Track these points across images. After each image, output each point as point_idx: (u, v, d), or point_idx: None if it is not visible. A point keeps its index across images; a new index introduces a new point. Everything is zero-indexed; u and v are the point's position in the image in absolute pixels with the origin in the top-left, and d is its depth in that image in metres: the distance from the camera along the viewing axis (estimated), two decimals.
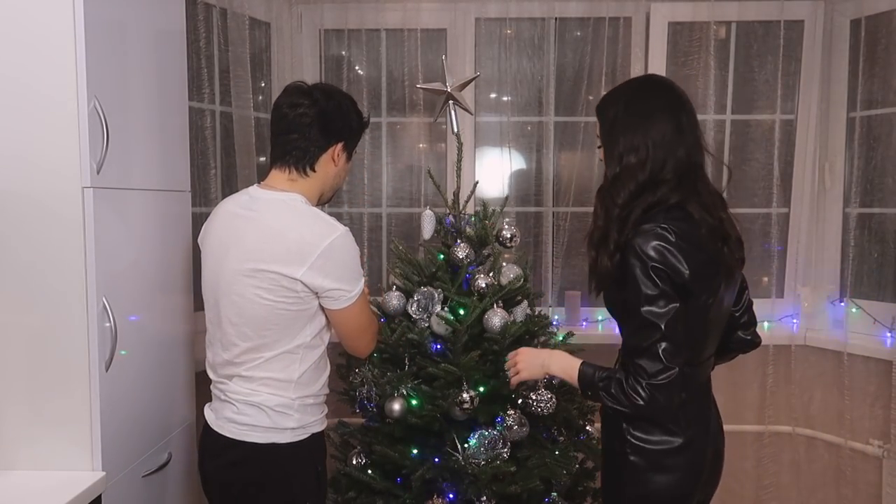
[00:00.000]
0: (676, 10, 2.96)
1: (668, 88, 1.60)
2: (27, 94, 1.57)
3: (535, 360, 1.71)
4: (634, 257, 1.46)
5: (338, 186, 1.84)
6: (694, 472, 1.59)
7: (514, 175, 3.02)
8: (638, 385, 1.45)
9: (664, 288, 1.44)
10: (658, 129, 1.52)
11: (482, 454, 1.99)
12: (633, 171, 1.52)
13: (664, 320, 1.44)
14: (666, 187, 1.51)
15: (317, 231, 1.63)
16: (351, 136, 1.77)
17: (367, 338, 1.79)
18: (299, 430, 1.71)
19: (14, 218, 1.59)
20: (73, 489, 1.53)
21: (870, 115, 2.87)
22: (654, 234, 1.46)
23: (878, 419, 2.77)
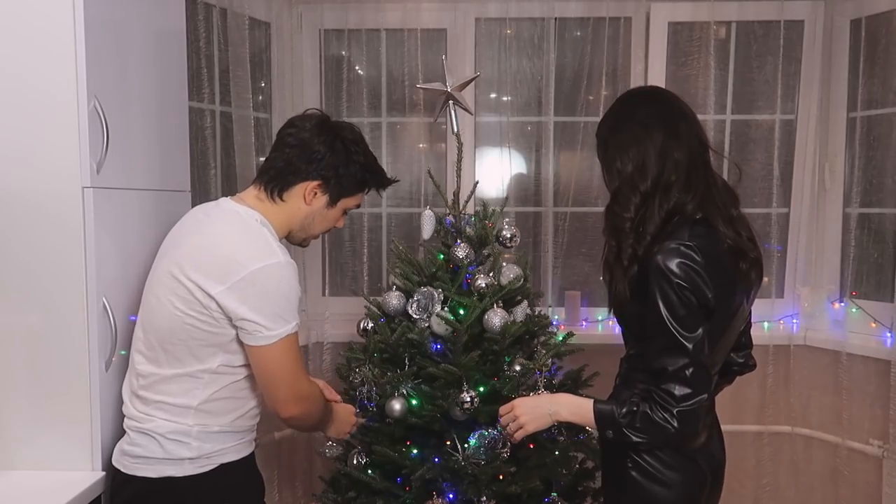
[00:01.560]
0: (676, 10, 2.96)
1: (656, 97, 1.58)
2: (27, 94, 1.57)
3: (538, 409, 1.59)
4: (659, 275, 1.39)
5: (314, 232, 1.67)
6: (695, 486, 1.55)
7: (513, 175, 3.02)
8: (667, 413, 1.39)
9: (691, 309, 1.38)
10: (651, 137, 1.48)
11: (482, 454, 1.99)
12: (633, 180, 1.48)
13: (692, 343, 1.38)
14: (677, 189, 1.47)
15: (252, 252, 1.47)
16: (337, 180, 1.59)
17: (283, 392, 1.52)
18: (201, 459, 1.52)
19: (14, 218, 1.59)
20: (73, 489, 1.53)
21: (870, 115, 2.87)
22: (678, 251, 1.40)
23: (877, 419, 2.77)
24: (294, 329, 1.51)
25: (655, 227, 1.46)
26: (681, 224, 1.45)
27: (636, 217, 1.47)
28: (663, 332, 1.39)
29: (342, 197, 1.64)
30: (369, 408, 2.12)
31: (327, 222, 1.67)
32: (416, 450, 2.10)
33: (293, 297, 1.50)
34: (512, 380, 2.06)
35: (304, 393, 1.58)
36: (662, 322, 1.39)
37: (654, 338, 1.42)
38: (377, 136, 3.07)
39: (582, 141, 3.01)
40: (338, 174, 1.59)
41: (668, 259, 1.39)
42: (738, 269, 1.49)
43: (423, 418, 2.06)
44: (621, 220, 1.49)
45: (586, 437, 2.24)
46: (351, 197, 1.66)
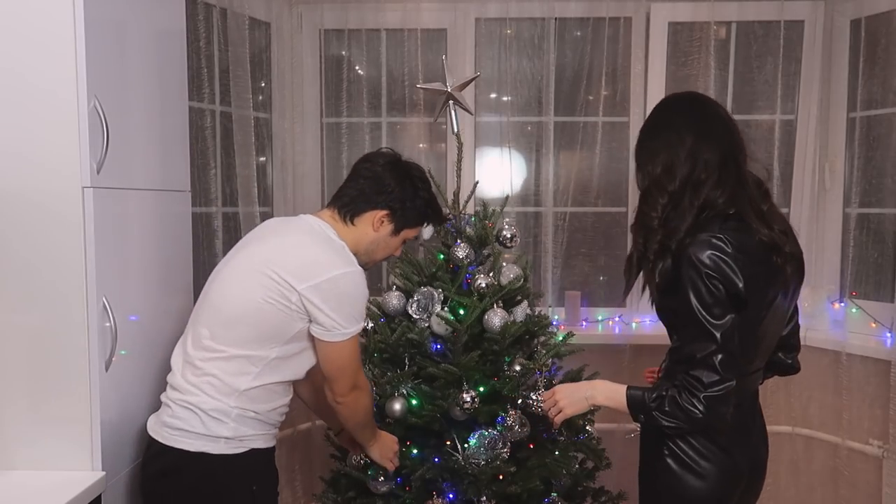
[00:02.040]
0: (676, 10, 2.96)
1: (692, 101, 1.64)
2: (27, 94, 1.57)
3: (576, 394, 1.67)
4: (689, 266, 1.45)
5: (376, 257, 1.84)
6: (729, 481, 1.57)
7: (513, 175, 3.01)
8: (694, 398, 1.44)
9: (719, 298, 1.43)
10: (682, 140, 1.53)
11: (482, 454, 1.99)
12: (661, 180, 1.54)
13: (720, 330, 1.42)
14: (708, 187, 1.51)
15: (335, 259, 1.66)
16: (402, 212, 1.78)
17: (345, 381, 1.72)
18: (234, 441, 1.64)
19: (14, 218, 1.59)
20: (73, 489, 1.53)
21: (870, 116, 2.87)
22: (708, 243, 1.45)
23: (877, 419, 2.77)
24: (360, 329, 1.71)
25: (687, 223, 1.50)
26: (712, 218, 1.50)
27: (663, 215, 1.53)
28: (693, 321, 1.44)
29: (405, 227, 1.82)
30: None
31: (388, 249, 1.85)
32: (416, 450, 2.10)
33: (364, 300, 1.71)
34: (512, 380, 2.06)
35: (360, 383, 1.77)
36: (692, 311, 1.44)
37: (686, 326, 1.48)
38: (377, 136, 3.07)
39: (582, 141, 3.01)
40: (404, 206, 1.78)
41: (699, 250, 1.44)
42: (772, 262, 1.52)
43: (423, 418, 2.06)
44: (649, 218, 1.55)
45: (586, 437, 2.24)
46: (412, 228, 1.85)
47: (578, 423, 2.23)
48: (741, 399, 1.55)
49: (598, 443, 2.27)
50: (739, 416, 1.56)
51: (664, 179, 1.53)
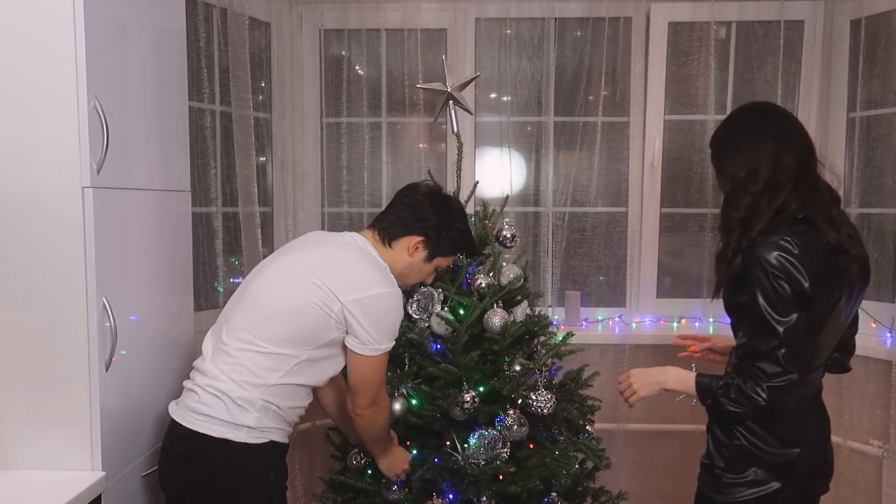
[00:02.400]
0: (676, 10, 2.96)
1: (768, 110, 1.74)
2: (27, 94, 1.57)
3: (648, 378, 1.78)
4: (756, 266, 1.54)
5: (409, 280, 1.90)
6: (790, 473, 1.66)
7: (513, 175, 3.01)
8: (758, 387, 1.54)
9: (784, 296, 1.52)
10: (764, 146, 1.63)
11: (482, 454, 1.99)
12: (745, 184, 1.63)
13: (784, 326, 1.52)
14: (786, 191, 1.60)
15: (378, 278, 1.74)
16: (437, 240, 1.85)
17: (369, 395, 1.79)
18: (257, 430, 1.69)
19: (14, 218, 1.59)
20: (73, 489, 1.53)
21: (870, 116, 2.87)
22: (776, 245, 1.53)
23: (877, 419, 2.77)
24: (391, 347, 1.78)
25: (762, 224, 1.59)
26: (783, 221, 1.59)
27: (744, 216, 1.62)
28: (759, 317, 1.54)
29: (438, 255, 1.88)
30: None
31: (421, 275, 1.91)
32: (415, 450, 2.10)
33: (399, 321, 1.79)
34: (512, 380, 2.06)
35: (381, 400, 1.84)
36: (758, 307, 1.54)
37: (752, 322, 1.57)
38: (377, 136, 3.08)
39: (581, 141, 3.01)
40: (439, 235, 1.85)
41: (766, 252, 1.54)
42: (838, 264, 1.60)
43: (423, 418, 2.06)
44: (731, 219, 1.64)
45: (586, 437, 2.24)
46: (445, 257, 1.91)
47: (578, 423, 2.24)
48: (804, 395, 1.67)
49: (598, 443, 2.27)
50: (800, 412, 1.66)
51: (748, 182, 1.62)
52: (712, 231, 2.98)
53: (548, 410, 2.04)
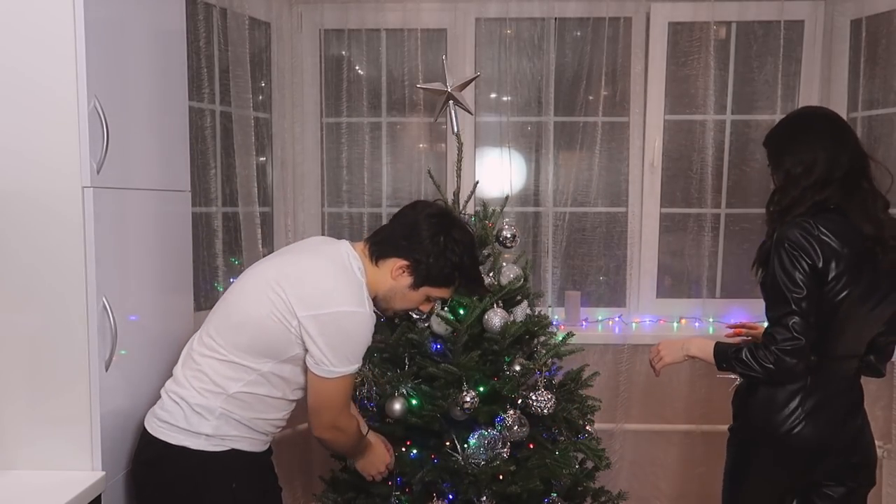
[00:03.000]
0: (676, 10, 2.96)
1: (824, 114, 1.90)
2: (27, 94, 1.57)
3: (674, 346, 1.96)
4: (779, 243, 1.72)
5: (394, 306, 1.76)
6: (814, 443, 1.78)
7: (513, 175, 3.01)
8: (767, 351, 1.70)
9: (800, 270, 1.69)
10: (820, 145, 1.78)
11: (482, 454, 1.99)
12: (798, 179, 1.78)
13: (796, 296, 1.68)
14: (832, 188, 1.75)
15: (344, 295, 1.61)
16: (426, 268, 1.68)
17: (324, 418, 1.70)
18: (216, 438, 1.64)
19: (14, 218, 1.59)
20: (73, 489, 1.53)
21: (870, 116, 2.87)
22: (799, 225, 1.72)
23: (878, 420, 2.77)
24: (353, 371, 1.66)
25: (800, 211, 1.75)
26: (818, 209, 1.75)
27: (788, 205, 1.78)
28: (776, 289, 1.71)
29: (426, 284, 1.72)
30: (369, 408, 2.12)
31: (408, 302, 1.76)
32: (415, 450, 2.10)
33: (364, 345, 1.65)
34: (512, 380, 2.06)
35: (340, 425, 1.74)
36: (776, 279, 1.71)
37: (770, 294, 1.75)
38: (377, 136, 3.08)
39: (581, 141, 3.01)
40: (427, 262, 1.68)
41: (789, 230, 1.72)
42: (865, 250, 1.73)
43: (423, 418, 2.06)
44: (772, 209, 1.83)
45: (586, 437, 2.24)
46: (436, 288, 1.74)
47: (578, 423, 2.24)
48: (829, 379, 1.79)
49: (598, 443, 2.27)
50: (826, 393, 1.78)
51: (801, 177, 1.78)
52: (712, 231, 2.98)
53: (548, 410, 2.04)
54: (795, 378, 1.75)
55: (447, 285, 1.74)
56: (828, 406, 1.78)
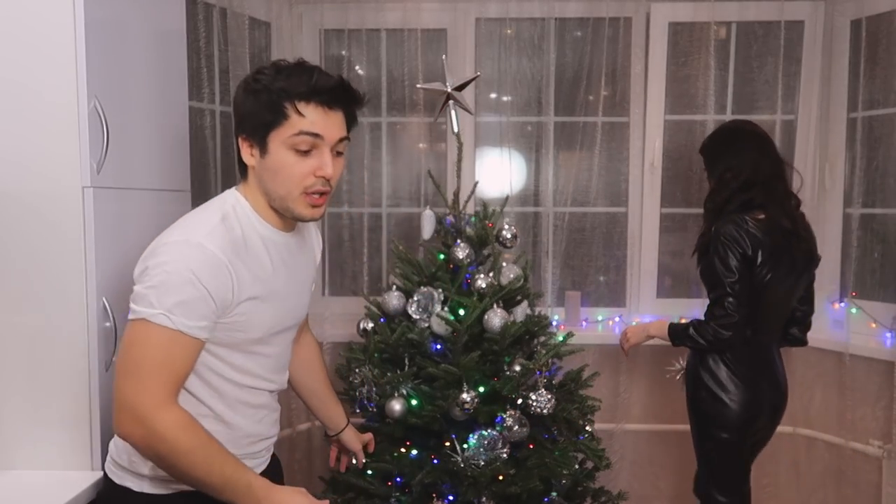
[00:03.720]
0: (676, 10, 2.96)
1: (751, 128, 2.26)
2: (27, 94, 1.57)
3: (638, 329, 2.41)
4: (716, 237, 2.11)
5: (277, 191, 1.34)
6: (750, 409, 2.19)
7: (513, 175, 3.01)
8: (708, 325, 2.11)
9: (732, 257, 2.07)
10: (746, 153, 2.18)
11: (482, 455, 1.99)
12: (728, 181, 2.18)
13: (729, 280, 2.07)
14: (756, 189, 2.13)
15: (174, 230, 1.30)
16: (247, 120, 1.32)
17: (117, 390, 1.23)
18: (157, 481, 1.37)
19: (14, 217, 1.59)
20: (73, 489, 1.53)
21: (871, 116, 2.87)
22: (731, 220, 2.11)
23: (878, 420, 2.77)
24: (157, 320, 1.20)
25: (731, 209, 2.14)
26: (746, 209, 2.13)
27: (721, 205, 2.17)
28: (713, 273, 2.11)
29: (265, 134, 1.31)
30: (369, 408, 2.12)
31: (279, 173, 1.32)
32: (415, 451, 2.10)
33: (179, 281, 1.21)
34: (512, 380, 2.06)
35: (138, 409, 1.21)
36: (713, 266, 2.10)
37: (709, 279, 2.14)
38: (377, 136, 3.07)
39: (581, 141, 3.01)
40: (242, 116, 1.33)
41: (724, 226, 2.12)
42: (784, 241, 2.13)
43: (423, 419, 2.06)
44: (711, 207, 2.23)
45: (586, 437, 2.24)
46: (278, 128, 1.29)
47: (578, 423, 2.24)
48: (756, 351, 2.21)
49: (598, 443, 2.27)
50: (753, 364, 2.20)
51: (731, 180, 2.17)
52: None
53: (548, 411, 2.04)
54: (731, 347, 2.13)
55: (279, 110, 1.29)
56: (759, 373, 2.20)
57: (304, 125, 1.30)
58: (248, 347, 1.37)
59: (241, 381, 1.40)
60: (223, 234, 1.29)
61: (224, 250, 1.27)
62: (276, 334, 1.43)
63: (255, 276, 1.33)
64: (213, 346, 1.32)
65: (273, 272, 1.37)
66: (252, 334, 1.36)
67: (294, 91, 1.29)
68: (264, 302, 1.35)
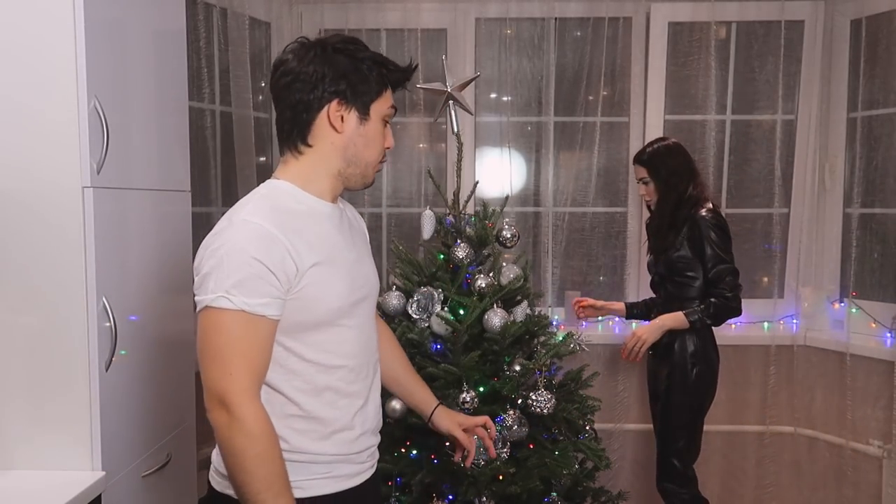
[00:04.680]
0: (676, 10, 2.96)
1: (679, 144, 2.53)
2: (27, 95, 1.57)
3: (650, 328, 2.41)
4: (706, 227, 2.34)
5: (365, 158, 1.35)
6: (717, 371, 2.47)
7: (513, 175, 3.01)
8: (735, 299, 2.34)
9: (727, 240, 2.37)
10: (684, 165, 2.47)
11: (482, 454, 1.99)
12: (676, 184, 2.44)
13: (730, 258, 2.36)
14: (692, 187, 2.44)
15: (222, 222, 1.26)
16: (351, 88, 1.31)
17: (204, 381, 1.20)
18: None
19: (14, 218, 1.59)
20: (73, 489, 1.53)
21: (870, 116, 2.87)
22: (712, 212, 2.38)
23: (879, 420, 2.77)
24: (218, 303, 1.18)
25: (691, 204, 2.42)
26: (700, 203, 2.42)
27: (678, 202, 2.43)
28: (715, 258, 2.34)
29: (370, 102, 1.34)
30: None
31: (374, 141, 1.36)
32: (415, 450, 2.09)
33: (231, 263, 1.19)
34: (512, 380, 2.06)
35: (226, 395, 1.18)
36: (715, 250, 2.34)
37: (710, 262, 2.36)
38: None
39: (581, 141, 3.01)
40: (349, 81, 1.32)
41: (708, 218, 2.37)
42: None
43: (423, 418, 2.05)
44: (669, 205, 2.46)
45: (586, 437, 2.24)
46: (378, 99, 1.35)
47: (578, 423, 2.24)
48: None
49: (598, 443, 2.27)
50: (710, 334, 2.45)
51: (679, 183, 2.44)
52: None
53: (548, 410, 2.04)
54: (738, 315, 2.39)
55: (384, 86, 1.37)
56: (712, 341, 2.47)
57: (392, 101, 1.39)
58: (332, 320, 1.29)
59: (329, 362, 1.30)
60: (267, 208, 1.26)
61: (272, 221, 1.22)
62: (354, 304, 1.34)
63: (310, 243, 1.26)
64: (295, 331, 1.26)
65: (327, 237, 1.32)
66: (331, 303, 1.28)
67: (392, 69, 1.38)
68: (331, 266, 1.29)
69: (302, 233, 1.26)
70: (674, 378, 2.41)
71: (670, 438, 2.44)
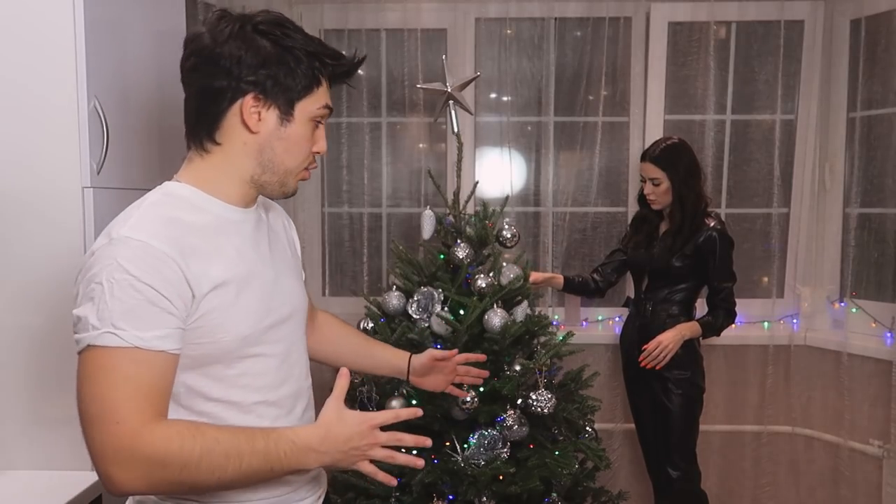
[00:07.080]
0: (676, 10, 2.96)
1: (685, 144, 2.53)
2: (27, 95, 1.57)
3: (671, 335, 2.42)
4: (723, 239, 2.43)
5: (284, 164, 1.13)
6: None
7: (513, 175, 3.01)
8: (734, 308, 2.48)
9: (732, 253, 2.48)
10: (695, 163, 2.51)
11: (482, 454, 1.99)
12: (694, 184, 2.47)
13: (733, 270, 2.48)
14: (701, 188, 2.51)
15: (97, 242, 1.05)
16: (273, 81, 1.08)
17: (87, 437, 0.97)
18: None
19: (14, 218, 1.59)
20: (73, 489, 1.53)
21: (870, 116, 2.87)
22: (725, 224, 2.49)
23: (877, 419, 2.77)
24: (103, 340, 0.97)
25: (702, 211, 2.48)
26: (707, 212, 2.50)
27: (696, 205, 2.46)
28: (726, 268, 2.45)
29: (296, 100, 1.11)
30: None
31: (296, 146, 1.14)
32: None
33: (113, 290, 0.97)
34: (512, 380, 2.06)
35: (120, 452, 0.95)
36: (726, 262, 2.45)
37: (718, 271, 2.46)
38: (377, 135, 3.08)
39: (582, 141, 3.01)
40: (271, 72, 1.08)
41: (724, 230, 2.47)
42: None
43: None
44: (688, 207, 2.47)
45: (586, 437, 2.24)
46: (308, 97, 1.12)
47: (579, 423, 2.24)
48: None
49: (598, 443, 2.27)
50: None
51: (696, 183, 2.47)
52: None
53: (548, 410, 2.04)
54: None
55: (316, 83, 1.13)
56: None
57: (326, 99, 1.15)
58: (241, 350, 1.09)
59: (242, 399, 1.11)
60: (156, 219, 1.05)
61: (161, 237, 1.01)
62: (270, 328, 1.13)
63: (210, 261, 1.05)
64: (198, 366, 1.07)
65: (238, 253, 1.11)
66: (238, 331, 1.08)
67: (330, 62, 1.13)
68: (241, 287, 1.08)
69: (198, 250, 1.04)
70: (676, 383, 2.47)
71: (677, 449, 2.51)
